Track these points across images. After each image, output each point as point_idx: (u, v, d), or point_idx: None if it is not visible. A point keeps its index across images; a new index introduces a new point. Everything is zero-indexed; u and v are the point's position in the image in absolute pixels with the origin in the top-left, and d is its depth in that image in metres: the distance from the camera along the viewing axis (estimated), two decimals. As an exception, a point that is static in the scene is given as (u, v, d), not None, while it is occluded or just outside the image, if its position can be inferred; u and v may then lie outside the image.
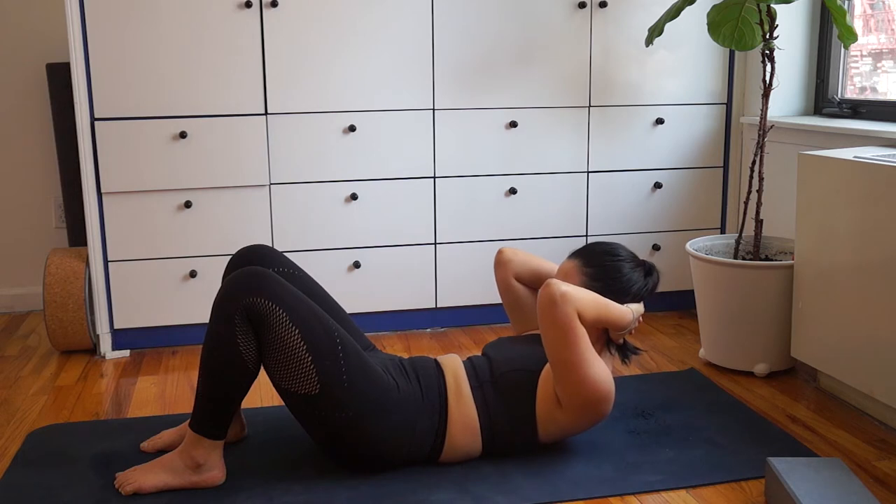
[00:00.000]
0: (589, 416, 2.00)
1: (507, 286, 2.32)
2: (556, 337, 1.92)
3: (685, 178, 3.26)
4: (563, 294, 1.92)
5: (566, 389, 1.96)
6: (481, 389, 2.04)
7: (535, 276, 2.31)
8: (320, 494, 1.92)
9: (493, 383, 2.04)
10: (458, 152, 3.05)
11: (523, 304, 2.33)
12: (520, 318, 2.35)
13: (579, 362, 1.93)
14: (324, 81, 2.90)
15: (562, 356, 1.93)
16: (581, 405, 1.97)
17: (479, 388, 2.04)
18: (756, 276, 2.58)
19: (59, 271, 2.86)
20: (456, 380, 2.05)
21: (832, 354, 2.39)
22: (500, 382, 2.04)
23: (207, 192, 2.89)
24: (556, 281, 1.94)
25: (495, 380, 2.05)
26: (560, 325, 1.91)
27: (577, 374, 1.93)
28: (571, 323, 1.91)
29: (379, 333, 3.13)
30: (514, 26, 3.01)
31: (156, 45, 2.77)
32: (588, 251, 2.16)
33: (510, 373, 2.04)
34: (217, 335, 1.88)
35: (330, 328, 1.92)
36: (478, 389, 2.04)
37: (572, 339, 1.92)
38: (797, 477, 1.80)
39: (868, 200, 2.22)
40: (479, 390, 2.04)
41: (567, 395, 1.96)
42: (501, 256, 2.32)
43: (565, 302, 1.91)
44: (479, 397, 2.03)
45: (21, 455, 2.15)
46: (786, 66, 3.08)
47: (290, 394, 1.92)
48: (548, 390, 2.01)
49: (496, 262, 2.33)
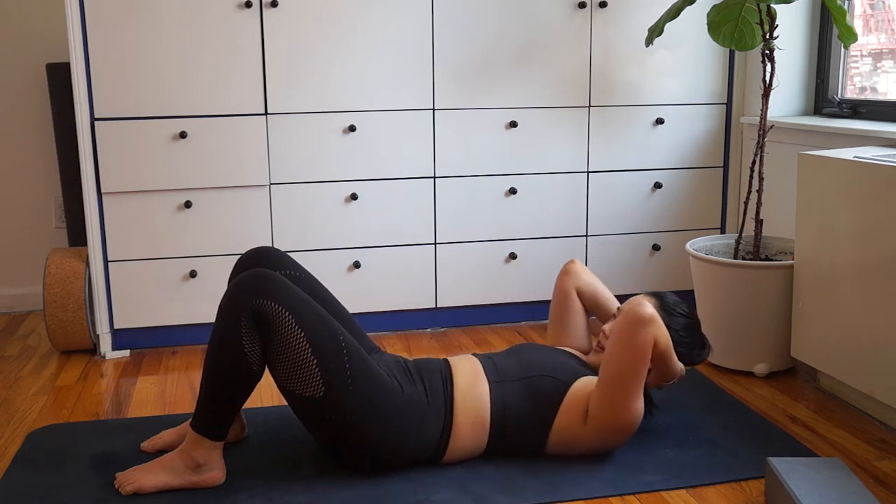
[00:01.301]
0: (608, 439, 2.02)
1: (566, 294, 2.36)
2: (627, 354, 1.93)
3: (685, 178, 3.26)
4: (653, 317, 1.93)
5: (605, 409, 1.97)
6: (502, 387, 2.04)
7: (594, 298, 2.36)
8: (320, 494, 1.92)
9: (519, 382, 2.05)
10: (458, 152, 3.05)
11: (570, 318, 2.36)
12: (560, 331, 2.37)
13: (632, 388, 1.95)
14: (324, 81, 2.90)
15: (621, 376, 1.94)
16: (609, 428, 1.99)
17: (498, 385, 2.04)
18: (756, 276, 2.58)
19: (59, 271, 2.86)
20: (470, 376, 2.05)
21: (832, 354, 2.39)
22: (528, 383, 2.04)
23: (207, 192, 2.89)
24: (647, 303, 1.95)
25: (524, 379, 2.05)
26: (637, 344, 1.92)
27: (624, 397, 1.95)
28: (647, 348, 1.93)
29: (379, 333, 3.13)
30: (514, 26, 3.01)
31: (156, 45, 2.77)
32: (665, 295, 2.23)
33: (542, 377, 2.05)
34: (222, 336, 1.89)
35: (335, 331, 1.92)
36: (497, 386, 2.04)
37: (641, 362, 1.93)
38: (797, 477, 1.80)
39: (868, 200, 2.22)
40: (499, 387, 2.04)
41: (602, 414, 1.97)
42: (572, 266, 2.38)
43: (652, 325, 1.93)
44: (497, 393, 2.03)
45: (21, 455, 2.15)
46: (786, 66, 3.08)
47: (294, 395, 1.92)
48: (574, 405, 2.02)
49: (564, 270, 2.38)
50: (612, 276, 3.23)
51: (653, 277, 3.29)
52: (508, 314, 3.23)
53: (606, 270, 3.23)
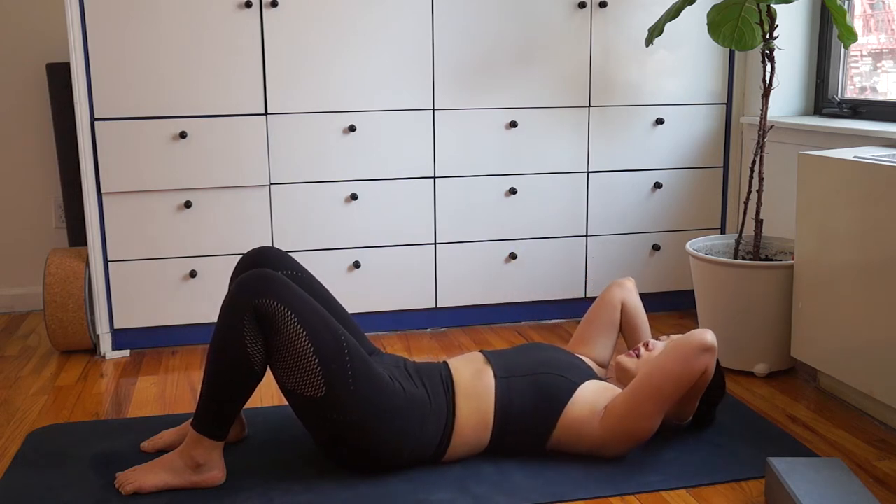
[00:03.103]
0: (616, 444, 2.03)
1: (611, 304, 2.40)
2: (676, 370, 1.96)
3: (685, 178, 3.26)
4: (714, 349, 1.98)
5: (630, 413, 1.99)
6: (508, 381, 2.05)
7: (634, 319, 2.41)
8: (320, 494, 1.92)
9: (526, 377, 2.06)
10: (458, 152, 3.05)
11: (603, 329, 2.40)
12: (588, 336, 2.40)
13: (664, 402, 1.98)
14: (324, 81, 2.90)
15: (661, 387, 1.97)
16: (624, 433, 2.00)
17: (505, 380, 2.05)
18: (756, 276, 2.58)
19: (59, 271, 2.86)
20: (473, 371, 2.07)
21: (832, 354, 2.39)
22: (536, 379, 2.05)
23: (207, 192, 2.89)
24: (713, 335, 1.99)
25: (532, 375, 2.06)
26: (690, 365, 1.96)
27: (652, 408, 1.98)
28: (697, 372, 1.97)
29: (379, 333, 3.13)
30: (514, 26, 3.01)
31: (156, 45, 2.77)
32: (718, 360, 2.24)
33: (552, 375, 2.06)
34: (225, 336, 1.89)
35: (337, 332, 1.92)
36: (504, 380, 2.05)
37: (685, 383, 1.98)
38: (797, 477, 1.80)
39: (868, 200, 2.22)
40: (506, 381, 2.05)
41: (623, 416, 1.99)
42: (627, 282, 2.45)
43: (710, 356, 1.98)
44: (503, 387, 2.04)
45: (21, 455, 2.15)
46: (786, 66, 3.08)
47: (295, 395, 1.92)
48: (582, 405, 2.03)
49: (617, 283, 2.44)
50: (612, 277, 3.24)
51: (653, 277, 3.29)
52: (508, 314, 3.23)
53: (606, 270, 3.23)
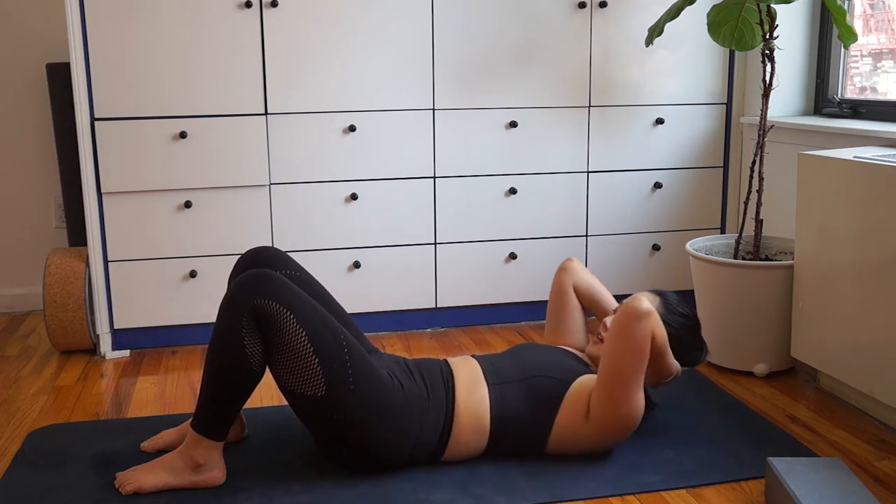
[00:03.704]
0: (609, 436, 2.02)
1: (563, 292, 2.37)
2: (625, 348, 1.94)
3: (685, 178, 3.26)
4: (649, 312, 1.94)
5: (606, 404, 1.97)
6: (501, 388, 2.04)
7: (591, 296, 2.37)
8: (320, 494, 1.92)
9: (518, 383, 2.05)
10: (458, 152, 3.05)
11: (567, 315, 2.37)
12: (558, 328, 2.37)
13: (632, 382, 1.95)
14: (324, 81, 2.90)
15: (620, 370, 1.94)
16: (611, 424, 1.99)
17: (498, 387, 2.04)
18: (756, 276, 2.58)
19: (59, 271, 2.86)
20: (469, 378, 2.05)
21: (832, 354, 2.39)
22: (527, 384, 2.04)
23: (207, 192, 2.89)
24: (644, 298, 1.96)
25: (523, 380, 2.05)
26: (635, 339, 1.93)
27: (625, 392, 1.95)
28: (645, 342, 1.94)
29: (379, 333, 3.13)
30: (514, 26, 3.01)
31: (156, 45, 2.77)
32: (668, 295, 2.25)
33: (542, 378, 2.05)
34: (223, 336, 1.89)
35: (336, 331, 1.92)
36: (496, 388, 2.04)
37: (639, 356, 1.94)
38: (797, 477, 1.80)
39: (868, 200, 2.22)
40: (499, 389, 2.04)
41: (603, 410, 1.98)
42: (569, 264, 2.39)
43: (649, 320, 1.94)
44: (496, 395, 2.03)
45: (21, 455, 2.15)
46: (786, 66, 3.08)
47: (295, 395, 1.92)
48: (575, 404, 2.02)
49: (561, 268, 2.39)
50: (612, 276, 3.23)
51: (653, 277, 3.29)
52: (508, 314, 3.23)
53: (606, 270, 3.23)
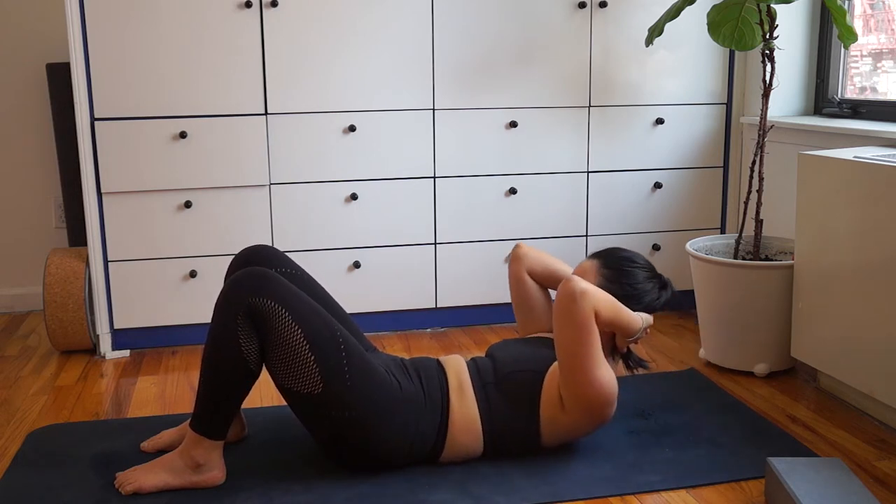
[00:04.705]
0: (591, 418, 2.00)
1: (518, 280, 2.35)
2: (571, 333, 1.92)
3: (685, 178, 3.26)
4: (584, 291, 1.92)
5: (572, 389, 1.96)
6: (485, 390, 2.04)
7: (549, 275, 2.34)
8: (320, 494, 1.92)
9: (497, 384, 2.04)
10: (458, 152, 3.05)
11: (532, 301, 2.34)
12: (527, 316, 2.36)
13: (589, 361, 1.93)
14: (324, 81, 2.90)
15: (573, 353, 1.93)
16: (585, 407, 1.97)
17: (482, 389, 2.04)
18: (756, 276, 2.58)
19: (59, 271, 2.86)
20: (459, 380, 2.05)
21: (832, 354, 2.39)
22: (504, 382, 2.04)
23: (207, 192, 2.89)
24: (577, 277, 1.95)
25: (499, 380, 2.04)
26: (577, 321, 1.91)
27: (585, 373, 1.93)
28: (588, 321, 1.92)
29: (379, 333, 3.13)
30: (514, 26, 3.01)
31: (156, 45, 2.77)
32: (608, 253, 2.20)
33: (515, 373, 2.04)
34: (219, 335, 1.89)
35: (332, 328, 1.92)
36: (481, 390, 2.04)
37: (586, 336, 1.92)
38: (797, 477, 1.80)
39: (868, 200, 2.22)
40: (483, 391, 2.04)
41: (572, 395, 1.96)
42: (517, 251, 2.35)
43: (584, 299, 1.92)
44: (482, 398, 2.03)
45: (21, 455, 2.15)
46: (786, 66, 3.08)
47: (292, 393, 1.92)
48: (553, 392, 2.01)
49: (512, 257, 2.36)
50: (612, 276, 3.23)
51: (653, 277, 3.28)
52: (508, 314, 3.23)
53: (606, 270, 3.23)
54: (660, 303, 2.18)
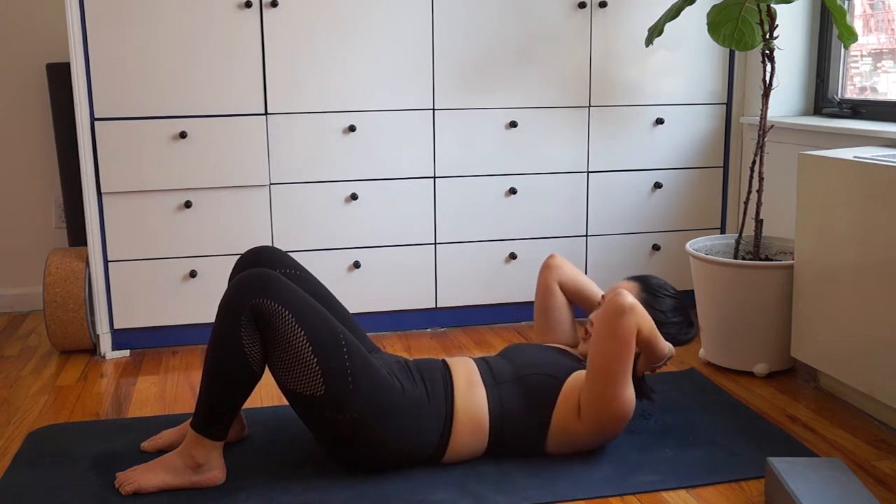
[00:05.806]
0: (603, 433, 2.02)
1: (548, 289, 2.36)
2: (611, 346, 1.93)
3: (685, 178, 3.26)
4: (633, 306, 1.94)
5: (595, 401, 1.96)
6: (498, 389, 2.04)
7: (578, 290, 2.37)
8: (320, 494, 1.92)
9: (514, 383, 2.04)
10: (458, 152, 3.05)
11: (556, 312, 2.37)
12: (547, 325, 2.37)
13: (620, 377, 1.95)
14: (324, 81, 2.90)
15: (607, 367, 1.94)
16: (603, 420, 1.98)
17: (495, 388, 2.04)
18: (756, 276, 2.58)
19: (59, 271, 2.86)
20: (468, 381, 2.05)
21: (832, 354, 2.39)
22: (522, 383, 2.04)
23: (207, 192, 2.89)
24: (627, 292, 1.96)
25: (518, 379, 2.05)
26: (620, 334, 1.93)
27: (614, 388, 1.95)
28: (630, 337, 1.93)
29: (379, 333, 3.13)
30: (514, 26, 3.01)
31: (156, 44, 2.77)
32: (645, 278, 2.25)
33: (536, 375, 2.05)
34: (222, 336, 1.89)
35: (335, 329, 1.92)
36: (493, 389, 2.04)
37: (625, 351, 1.94)
38: (797, 477, 1.80)
39: (868, 200, 2.22)
40: (496, 390, 2.04)
41: (593, 406, 1.97)
42: (552, 261, 2.38)
43: (633, 314, 1.93)
44: (494, 397, 2.03)
45: (21, 455, 2.15)
46: (786, 66, 3.08)
47: (294, 394, 1.92)
48: (569, 400, 2.01)
49: (544, 265, 2.39)
50: (612, 276, 3.23)
51: (653, 277, 3.28)
52: (508, 314, 3.23)
53: (606, 270, 3.23)
54: (687, 339, 2.23)
